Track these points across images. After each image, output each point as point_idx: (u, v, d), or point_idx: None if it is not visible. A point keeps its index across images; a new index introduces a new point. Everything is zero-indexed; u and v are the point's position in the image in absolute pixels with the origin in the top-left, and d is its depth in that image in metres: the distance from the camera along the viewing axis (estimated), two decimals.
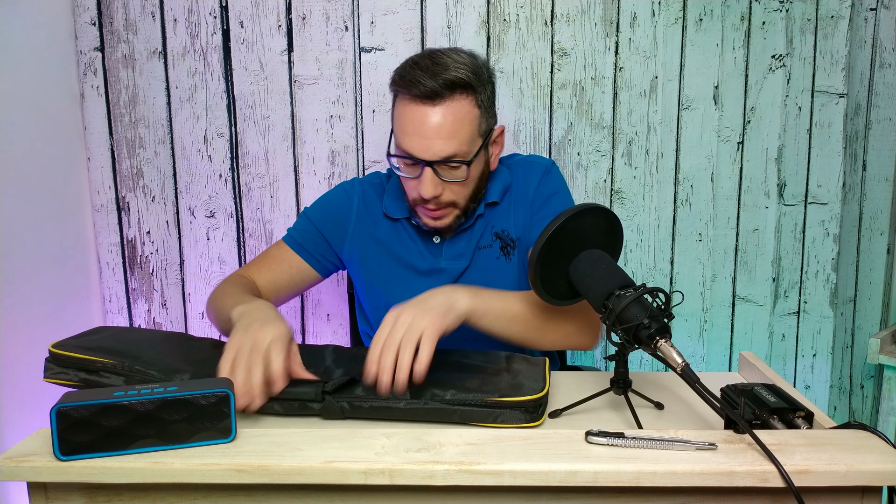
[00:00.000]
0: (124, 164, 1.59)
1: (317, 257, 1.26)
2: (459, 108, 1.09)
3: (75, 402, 0.72)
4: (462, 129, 1.09)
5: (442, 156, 1.09)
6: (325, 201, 1.28)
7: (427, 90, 1.07)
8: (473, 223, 1.23)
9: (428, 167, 1.09)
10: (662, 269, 1.68)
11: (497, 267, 1.23)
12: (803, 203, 1.69)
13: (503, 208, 1.24)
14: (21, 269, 1.33)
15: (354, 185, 1.28)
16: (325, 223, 1.25)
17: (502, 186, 1.24)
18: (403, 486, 0.74)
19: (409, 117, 1.09)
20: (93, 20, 1.54)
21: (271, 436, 0.78)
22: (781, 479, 0.70)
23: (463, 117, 1.10)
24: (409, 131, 1.10)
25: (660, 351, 0.83)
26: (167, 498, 0.77)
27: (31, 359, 1.36)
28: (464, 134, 1.10)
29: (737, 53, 1.61)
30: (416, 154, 1.09)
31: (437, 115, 1.08)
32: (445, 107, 1.08)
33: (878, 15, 1.69)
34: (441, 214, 1.16)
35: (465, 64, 1.10)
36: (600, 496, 0.75)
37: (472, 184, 1.16)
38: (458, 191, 1.14)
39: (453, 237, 1.24)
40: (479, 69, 1.12)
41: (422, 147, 1.09)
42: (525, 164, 1.28)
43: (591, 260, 0.95)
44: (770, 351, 1.74)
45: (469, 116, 1.10)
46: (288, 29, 1.55)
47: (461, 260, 1.23)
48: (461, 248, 1.24)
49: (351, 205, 1.26)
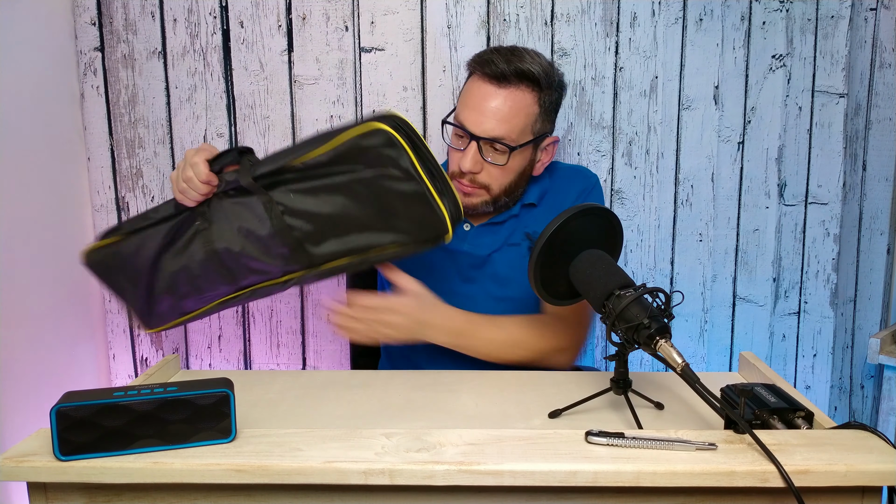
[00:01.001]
0: (124, 164, 1.59)
1: None
2: (521, 98, 1.15)
3: (75, 402, 0.72)
4: (517, 117, 1.15)
5: (491, 135, 1.14)
6: None
7: (498, 71, 1.13)
8: (505, 221, 1.26)
9: (474, 142, 1.15)
10: (662, 269, 1.68)
11: (523, 266, 1.25)
12: (803, 203, 1.69)
13: (539, 211, 1.27)
14: (21, 268, 1.33)
15: None
16: None
17: (541, 190, 1.28)
18: (403, 486, 0.74)
19: (474, 92, 1.16)
20: (93, 20, 1.54)
21: (271, 436, 0.78)
22: (781, 479, 0.70)
23: (521, 108, 1.15)
24: (469, 105, 1.16)
25: (660, 351, 0.83)
26: (167, 498, 0.77)
27: (30, 359, 1.36)
28: (517, 122, 1.15)
29: (737, 53, 1.61)
30: (469, 126, 1.15)
31: (498, 97, 1.14)
32: (509, 92, 1.14)
33: (878, 15, 1.69)
34: (471, 192, 1.20)
35: (541, 63, 1.17)
36: (600, 496, 0.75)
37: (510, 175, 1.20)
38: (495, 176, 1.18)
39: (482, 226, 1.27)
40: (551, 74, 1.18)
41: (476, 121, 1.15)
42: (570, 172, 1.32)
43: (591, 260, 0.95)
44: (770, 351, 1.74)
45: (527, 109, 1.16)
46: (288, 29, 1.55)
47: (482, 249, 1.26)
48: (486, 239, 1.26)
49: None
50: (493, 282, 1.26)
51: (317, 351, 1.67)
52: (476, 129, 1.15)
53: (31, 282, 1.37)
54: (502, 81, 1.14)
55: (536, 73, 1.15)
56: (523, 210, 1.27)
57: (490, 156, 1.17)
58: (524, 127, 1.16)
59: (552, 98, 1.19)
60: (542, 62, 1.17)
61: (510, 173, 1.19)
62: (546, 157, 1.25)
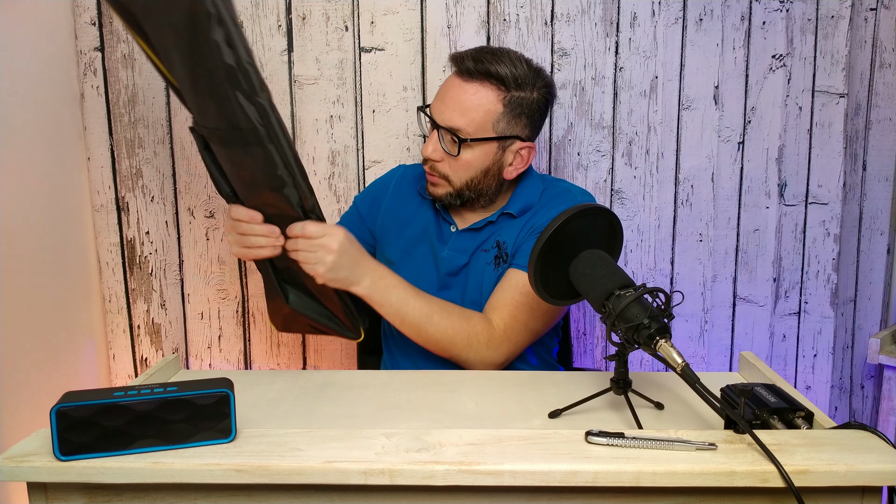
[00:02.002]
0: (124, 164, 1.59)
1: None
2: (484, 94, 1.18)
3: (75, 402, 0.72)
4: (475, 111, 1.18)
5: (447, 124, 1.18)
6: (371, 186, 1.42)
7: (465, 67, 1.18)
8: (483, 227, 1.27)
9: (434, 129, 1.21)
10: (663, 269, 1.68)
11: (485, 272, 1.27)
12: (804, 203, 1.69)
13: (516, 223, 1.26)
14: (21, 268, 1.33)
15: (399, 168, 1.41)
16: (364, 204, 1.38)
17: (525, 202, 1.28)
18: (403, 486, 0.74)
19: (446, 82, 1.22)
20: (93, 20, 1.54)
21: (271, 436, 0.78)
22: (781, 479, 0.70)
23: (481, 104, 1.18)
24: (438, 95, 1.22)
25: (660, 351, 0.83)
26: (167, 498, 0.77)
27: (31, 358, 1.36)
28: (474, 116, 1.18)
29: (737, 53, 1.61)
30: (432, 113, 1.21)
31: (462, 90, 1.18)
32: (472, 86, 1.18)
33: (878, 15, 1.69)
34: (434, 181, 1.24)
35: (514, 65, 1.18)
36: (600, 496, 0.75)
37: (470, 169, 1.21)
38: (453, 167, 1.22)
39: (463, 232, 1.28)
40: (526, 79, 1.18)
41: (438, 110, 1.20)
42: (560, 192, 1.29)
43: (591, 260, 0.95)
44: (770, 351, 1.74)
45: (487, 106, 1.18)
46: (288, 29, 1.55)
47: (461, 255, 1.27)
48: (466, 244, 1.28)
49: (389, 183, 1.38)
50: (463, 287, 1.28)
51: (317, 351, 1.67)
52: (437, 117, 1.20)
53: (31, 282, 1.37)
54: (467, 77, 1.18)
55: (503, 74, 1.16)
56: (501, 218, 1.27)
57: (446, 145, 1.20)
58: (483, 122, 1.18)
59: (524, 100, 1.19)
60: (517, 66, 1.17)
61: (469, 168, 1.21)
62: (519, 161, 1.24)
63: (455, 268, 1.27)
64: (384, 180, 1.40)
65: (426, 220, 1.31)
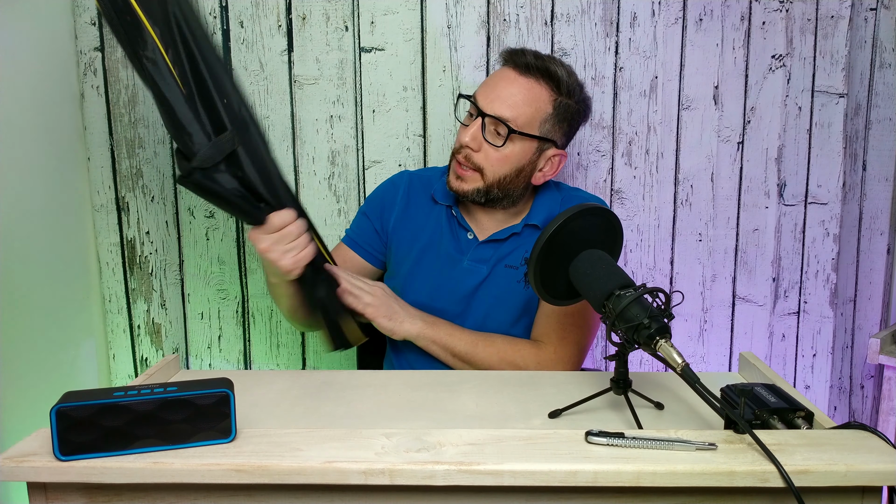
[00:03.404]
0: (124, 164, 1.59)
1: (369, 251, 1.34)
2: (538, 91, 1.18)
3: (75, 402, 0.72)
4: (527, 106, 1.18)
5: (496, 113, 1.17)
6: (374, 195, 1.38)
7: (525, 62, 1.18)
8: (507, 238, 1.26)
9: (480, 118, 1.18)
10: (662, 269, 1.68)
11: (514, 290, 1.25)
12: (803, 203, 1.69)
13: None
14: (21, 268, 1.33)
15: (403, 176, 1.37)
16: (373, 213, 1.35)
17: (547, 213, 1.27)
18: (403, 486, 0.74)
19: (496, 75, 1.21)
20: (93, 20, 1.54)
21: (271, 436, 0.78)
22: (781, 479, 0.70)
23: (534, 100, 1.18)
24: (487, 84, 1.21)
25: (660, 351, 0.83)
26: (167, 498, 0.77)
27: (31, 358, 1.36)
28: (525, 111, 1.18)
29: (737, 53, 1.61)
30: (479, 102, 1.19)
31: (516, 83, 1.18)
32: (528, 81, 1.18)
33: (878, 15, 1.69)
34: (464, 174, 1.21)
35: (569, 74, 1.21)
36: (600, 496, 0.75)
37: (505, 165, 1.20)
38: (490, 159, 1.20)
39: (485, 243, 1.26)
40: (574, 86, 1.21)
41: (487, 98, 1.18)
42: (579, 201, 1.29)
43: (591, 260, 0.95)
44: (770, 351, 1.74)
45: (539, 103, 1.19)
46: (288, 29, 1.55)
47: (483, 266, 1.25)
48: (487, 254, 1.26)
49: (397, 192, 1.34)
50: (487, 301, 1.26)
51: (317, 351, 1.67)
52: (486, 105, 1.18)
53: (31, 281, 1.37)
54: (525, 71, 1.18)
55: (560, 75, 1.18)
56: (526, 230, 1.26)
57: (490, 136, 1.19)
58: (531, 118, 1.18)
59: (569, 108, 1.21)
60: (570, 74, 1.21)
61: (505, 163, 1.20)
62: (549, 168, 1.24)
63: (477, 279, 1.25)
64: (390, 188, 1.36)
65: (440, 227, 1.29)
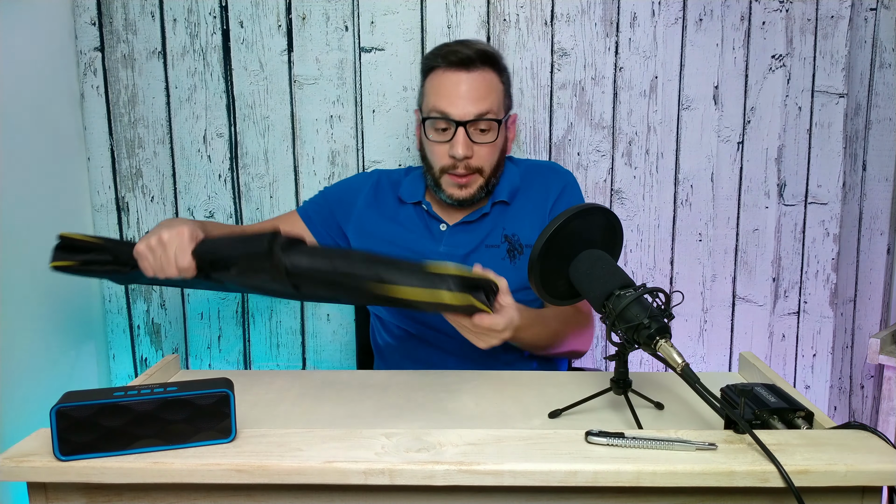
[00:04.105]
0: (124, 164, 1.59)
1: (319, 228, 1.34)
2: (489, 77, 1.21)
3: (75, 402, 0.72)
4: (491, 94, 1.21)
5: (475, 113, 1.19)
6: (343, 182, 1.40)
7: (463, 57, 1.19)
8: (479, 219, 1.26)
9: (461, 127, 1.18)
10: (662, 269, 1.68)
11: (502, 268, 1.25)
12: (803, 203, 1.69)
13: (514, 211, 1.27)
14: (21, 269, 1.33)
15: (374, 173, 1.39)
16: (335, 199, 1.36)
17: (511, 187, 1.29)
18: (403, 486, 0.74)
19: (445, 83, 1.20)
20: (93, 20, 1.54)
21: (271, 436, 0.78)
22: (781, 479, 0.70)
23: (492, 86, 1.21)
24: (444, 94, 1.20)
25: (660, 351, 0.83)
26: (167, 498, 0.77)
27: (31, 359, 1.36)
28: (493, 98, 1.21)
29: (737, 53, 1.61)
30: (452, 114, 1.19)
31: (471, 80, 1.19)
32: (477, 73, 1.20)
33: (878, 15, 1.69)
34: (468, 181, 1.23)
35: (491, 48, 1.25)
36: (600, 496, 0.75)
37: (496, 152, 1.24)
38: (485, 156, 1.22)
39: (457, 226, 1.27)
40: (499, 56, 1.25)
41: (458, 106, 1.18)
42: (544, 170, 1.33)
43: (591, 260, 0.95)
44: (770, 351, 1.74)
45: (496, 87, 1.23)
46: (288, 29, 1.55)
47: (459, 249, 1.26)
48: (462, 240, 1.27)
49: (362, 187, 1.35)
50: None
51: (317, 351, 1.67)
52: (460, 112, 1.18)
53: (31, 282, 1.37)
54: (469, 66, 1.19)
55: (494, 53, 1.23)
56: (495, 208, 1.28)
57: (477, 137, 1.20)
58: (499, 102, 1.22)
59: (507, 75, 1.27)
60: (491, 47, 1.25)
61: (495, 151, 1.24)
62: (512, 133, 1.30)
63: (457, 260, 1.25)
64: (357, 183, 1.37)
65: (411, 223, 1.30)
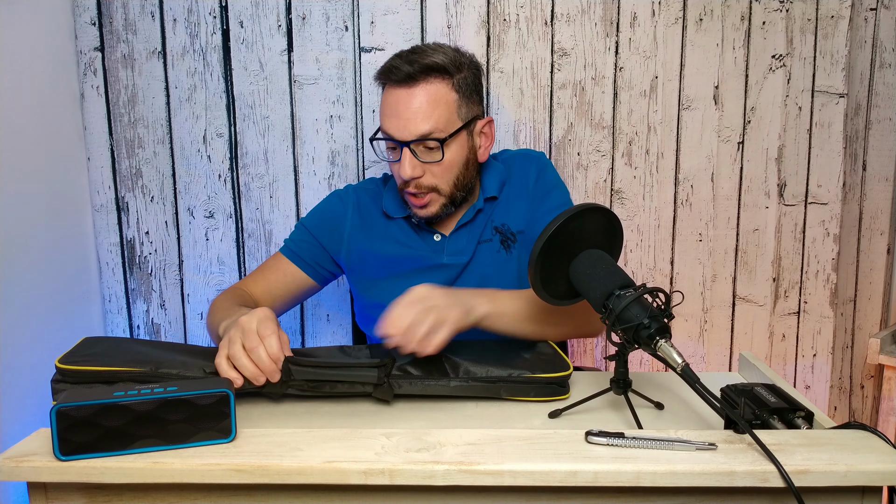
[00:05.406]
0: (124, 164, 1.59)
1: (312, 266, 1.28)
2: (435, 90, 1.14)
3: (75, 402, 0.72)
4: (437, 109, 1.14)
5: (417, 134, 1.13)
6: (319, 209, 1.31)
7: (403, 74, 1.13)
8: (474, 217, 1.25)
9: (406, 148, 1.14)
10: (662, 269, 1.68)
11: (497, 261, 1.24)
12: (803, 203, 1.69)
13: (502, 202, 1.26)
14: (21, 269, 1.33)
15: (348, 191, 1.32)
16: (320, 231, 1.28)
17: (499, 181, 1.26)
18: (403, 486, 0.74)
19: (388, 101, 1.15)
20: (93, 20, 1.54)
21: (271, 436, 0.78)
22: (781, 479, 0.70)
23: (438, 98, 1.14)
24: (388, 114, 1.15)
25: (660, 351, 0.83)
26: (167, 498, 0.77)
27: (31, 359, 1.36)
28: (439, 114, 1.14)
29: (737, 53, 1.61)
30: (395, 134, 1.14)
31: (413, 97, 1.13)
32: (420, 88, 1.13)
33: (878, 15, 1.69)
34: (425, 202, 1.19)
35: (444, 52, 1.16)
36: (600, 496, 0.75)
37: (453, 169, 1.18)
38: (438, 174, 1.17)
39: (454, 233, 1.25)
40: (457, 58, 1.18)
41: (399, 127, 1.14)
42: (520, 158, 1.30)
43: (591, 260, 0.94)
44: (770, 351, 1.74)
45: (445, 98, 1.15)
46: (288, 29, 1.55)
47: (462, 255, 1.24)
48: (462, 243, 1.25)
49: (346, 210, 1.29)
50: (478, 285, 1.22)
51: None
52: (402, 134, 1.13)
53: (31, 282, 1.37)
54: (410, 81, 1.13)
55: (441, 62, 1.14)
56: (487, 204, 1.25)
57: (424, 156, 1.15)
58: (448, 116, 1.15)
59: (467, 80, 1.18)
60: (444, 50, 1.17)
61: (453, 167, 1.18)
62: (486, 140, 1.23)
63: (458, 269, 1.24)
64: (338, 209, 1.29)
65: (406, 236, 1.26)
